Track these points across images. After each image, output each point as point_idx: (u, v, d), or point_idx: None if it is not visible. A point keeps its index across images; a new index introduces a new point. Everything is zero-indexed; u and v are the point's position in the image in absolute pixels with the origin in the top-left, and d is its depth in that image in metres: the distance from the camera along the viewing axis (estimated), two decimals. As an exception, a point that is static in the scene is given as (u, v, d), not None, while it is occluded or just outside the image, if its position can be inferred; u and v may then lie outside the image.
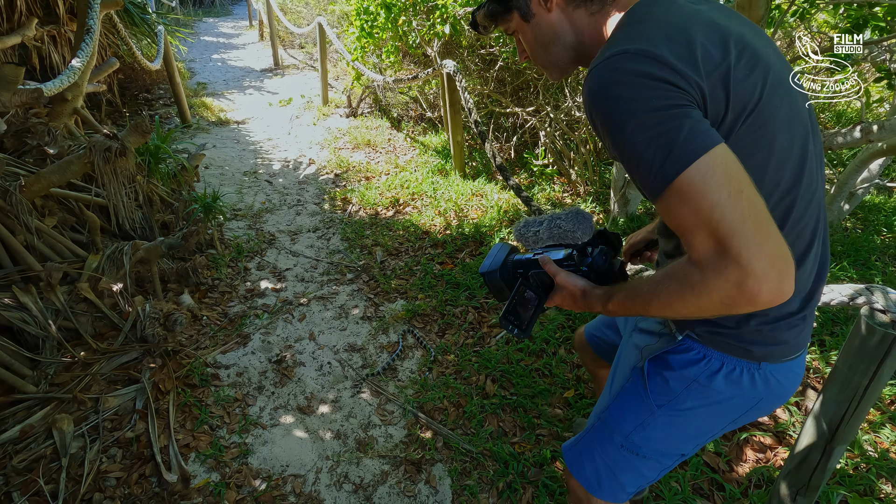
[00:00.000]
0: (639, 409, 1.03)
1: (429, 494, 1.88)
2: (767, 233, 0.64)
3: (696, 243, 0.68)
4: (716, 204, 0.64)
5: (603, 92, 0.73)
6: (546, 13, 0.91)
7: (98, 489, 1.79)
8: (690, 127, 0.68)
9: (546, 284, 0.96)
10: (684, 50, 0.72)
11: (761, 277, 0.63)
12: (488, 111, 4.73)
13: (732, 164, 0.67)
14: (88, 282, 2.47)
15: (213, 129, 5.79)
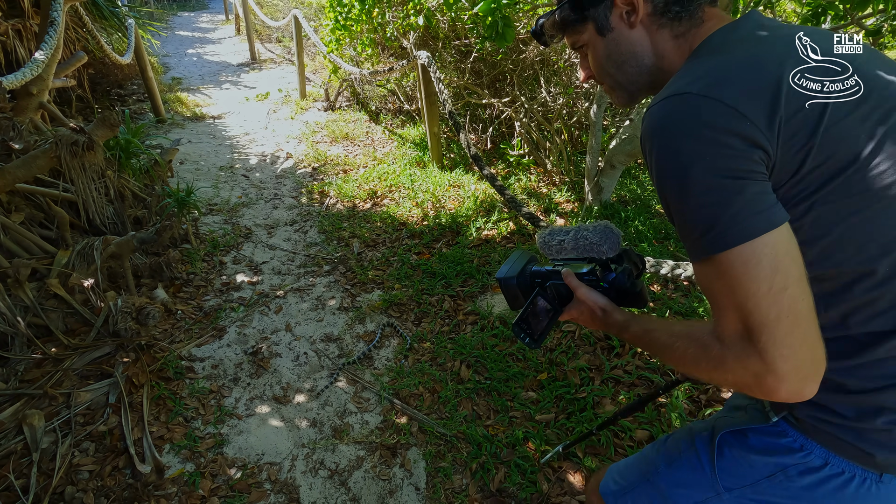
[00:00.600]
0: (698, 485, 0.87)
1: (403, 477, 1.91)
2: (803, 337, 0.59)
3: (724, 320, 0.64)
4: (752, 295, 0.60)
5: (658, 136, 0.67)
6: (627, 29, 0.81)
7: (70, 482, 1.79)
8: (744, 204, 0.61)
9: (563, 297, 0.93)
10: (761, 93, 0.64)
11: (782, 378, 0.59)
12: (465, 103, 4.75)
13: (783, 255, 0.60)
14: (58, 278, 2.44)
15: (189, 125, 5.71)
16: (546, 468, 1.89)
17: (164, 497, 1.78)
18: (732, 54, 0.69)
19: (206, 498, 1.80)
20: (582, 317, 0.91)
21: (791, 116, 0.63)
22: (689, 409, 2.07)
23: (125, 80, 6.40)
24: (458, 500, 1.81)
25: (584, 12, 0.84)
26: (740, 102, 0.63)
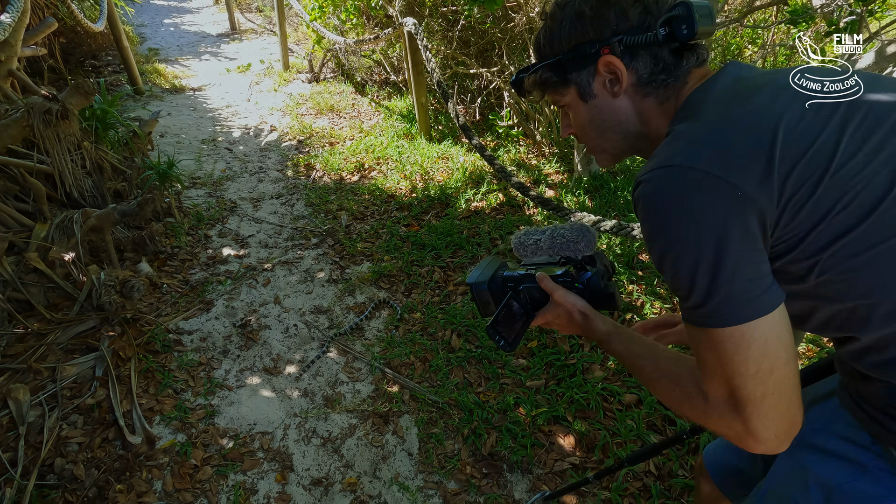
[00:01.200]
0: None
1: (396, 444, 1.93)
2: (784, 410, 0.62)
3: (711, 383, 0.64)
4: (740, 374, 0.61)
5: (651, 210, 0.64)
6: (611, 97, 0.78)
7: (59, 455, 1.77)
8: (737, 289, 0.60)
9: (536, 301, 0.91)
10: (755, 155, 0.60)
11: (762, 441, 0.63)
12: (453, 73, 4.66)
13: (773, 340, 0.61)
14: (37, 251, 2.37)
15: (168, 97, 5.53)
16: (538, 432, 1.91)
17: (157, 467, 1.78)
18: (721, 115, 0.65)
19: (199, 467, 1.80)
20: (558, 320, 0.88)
21: (792, 168, 0.59)
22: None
23: (99, 50, 6.15)
24: (451, 464, 1.84)
25: (566, 75, 0.80)
26: (732, 172, 0.60)
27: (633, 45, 0.73)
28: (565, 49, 0.78)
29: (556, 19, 0.79)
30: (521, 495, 1.74)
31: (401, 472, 1.83)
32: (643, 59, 0.74)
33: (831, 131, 0.60)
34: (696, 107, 0.70)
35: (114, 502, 1.65)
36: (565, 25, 0.77)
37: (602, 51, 0.75)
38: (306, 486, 1.78)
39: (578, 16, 0.76)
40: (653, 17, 0.73)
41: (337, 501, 1.73)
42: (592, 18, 0.75)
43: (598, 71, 0.77)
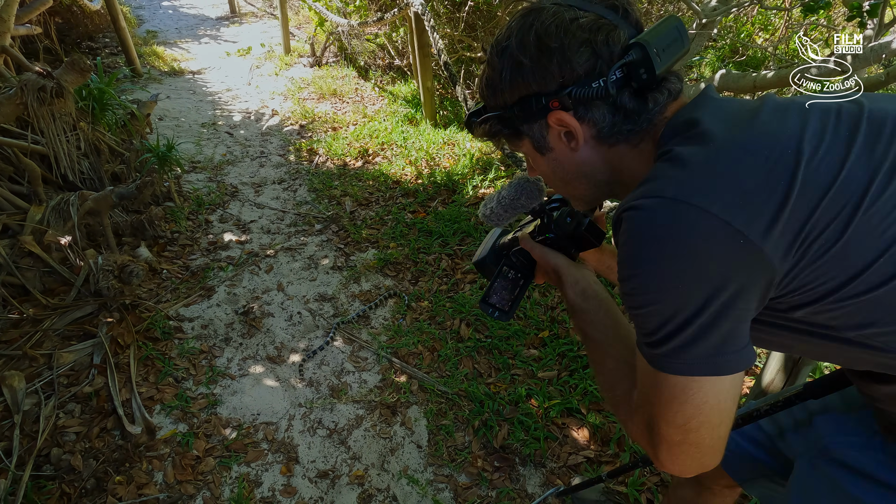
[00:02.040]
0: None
1: (405, 435, 1.87)
2: (695, 458, 0.60)
3: (638, 410, 0.63)
4: (665, 418, 0.58)
5: (636, 242, 0.56)
6: (569, 150, 0.68)
7: (56, 444, 1.71)
8: (702, 346, 0.54)
9: (530, 262, 0.87)
10: (765, 189, 0.52)
11: (666, 469, 0.63)
12: (458, 56, 4.55)
13: (712, 403, 0.56)
14: (32, 235, 2.29)
15: (167, 80, 5.41)
16: (551, 424, 1.85)
17: (157, 458, 1.72)
18: (727, 140, 0.55)
19: (201, 458, 1.74)
20: (549, 277, 0.82)
21: (816, 205, 0.51)
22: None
23: (96, 31, 6.01)
24: (462, 457, 1.78)
25: (517, 128, 0.69)
26: (744, 217, 0.51)
27: (584, 98, 0.62)
28: (509, 102, 0.68)
29: (495, 68, 0.67)
30: (535, 489, 1.69)
31: (410, 464, 1.77)
32: (599, 110, 0.63)
33: (858, 157, 0.52)
34: (691, 129, 0.59)
35: (113, 494, 1.59)
36: (505, 75, 0.66)
37: (550, 104, 0.64)
38: (312, 479, 1.72)
39: (517, 66, 0.65)
40: (603, 62, 0.61)
41: (344, 495, 1.67)
42: (532, 69, 0.63)
43: (549, 124, 0.67)
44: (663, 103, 0.64)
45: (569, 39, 0.61)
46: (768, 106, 0.59)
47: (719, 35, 4.28)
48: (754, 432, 0.98)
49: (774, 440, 0.95)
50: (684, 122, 0.61)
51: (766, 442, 0.97)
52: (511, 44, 0.65)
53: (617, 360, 0.69)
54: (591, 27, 0.61)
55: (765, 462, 0.97)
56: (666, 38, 0.61)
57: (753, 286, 0.53)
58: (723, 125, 0.57)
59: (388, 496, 1.67)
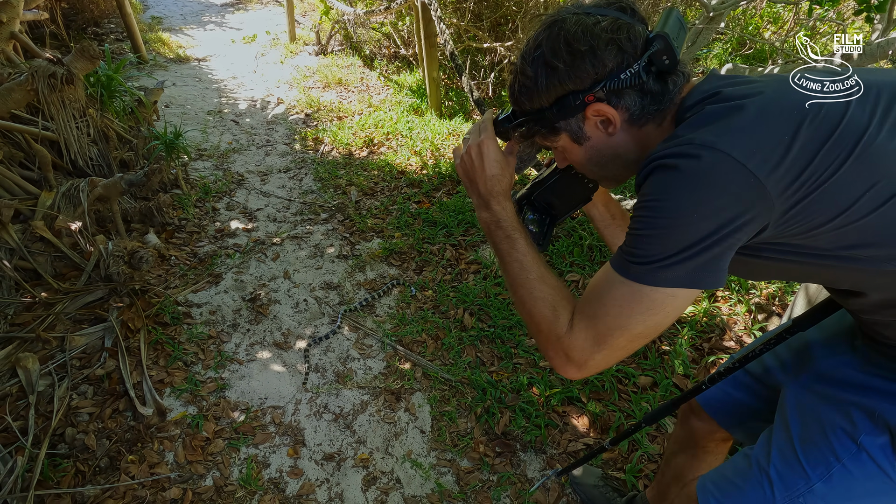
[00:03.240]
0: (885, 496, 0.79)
1: (408, 421, 1.91)
2: (617, 360, 0.73)
3: (588, 322, 0.71)
4: (625, 328, 0.68)
5: (673, 178, 0.64)
6: (606, 136, 0.78)
7: (70, 424, 1.75)
8: (694, 263, 0.64)
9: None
10: (779, 142, 0.62)
11: (582, 374, 0.74)
12: (465, 47, 4.53)
13: (674, 312, 0.68)
14: (43, 220, 2.33)
15: (172, 67, 5.42)
16: (552, 412, 1.89)
17: (168, 438, 1.77)
18: (747, 102, 0.65)
19: (211, 439, 1.78)
20: (470, 169, 0.90)
21: (816, 153, 0.62)
22: (693, 356, 2.08)
23: (102, 17, 6.00)
24: (464, 442, 1.82)
25: (554, 125, 0.79)
26: (759, 163, 0.61)
27: (617, 88, 0.72)
28: (546, 104, 0.77)
29: (529, 75, 0.76)
30: (535, 474, 1.73)
31: (413, 449, 1.81)
32: (630, 96, 0.73)
33: (853, 115, 0.63)
34: (714, 96, 0.69)
35: (126, 473, 1.64)
36: (541, 81, 0.75)
37: (586, 99, 0.74)
38: (318, 461, 1.76)
39: (552, 70, 0.74)
40: (629, 55, 0.71)
41: (349, 477, 1.72)
42: (567, 72, 0.73)
43: (586, 116, 0.76)
44: (681, 84, 0.74)
45: (596, 41, 0.71)
46: (780, 78, 0.69)
47: (727, 28, 4.26)
48: (741, 377, 1.08)
49: (760, 379, 1.05)
50: (706, 93, 0.70)
51: (752, 384, 1.07)
52: (543, 52, 0.74)
53: (551, 286, 0.78)
54: (612, 28, 0.71)
55: (750, 404, 1.07)
56: (674, 28, 0.73)
57: (754, 220, 0.63)
58: (741, 91, 0.67)
59: (391, 479, 1.72)
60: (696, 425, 1.20)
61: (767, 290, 2.33)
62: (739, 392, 1.09)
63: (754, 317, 2.23)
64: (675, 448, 1.30)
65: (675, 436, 1.31)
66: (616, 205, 1.06)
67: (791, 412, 0.88)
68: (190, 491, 1.62)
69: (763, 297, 2.31)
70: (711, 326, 2.20)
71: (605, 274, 0.71)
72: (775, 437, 0.88)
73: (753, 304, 2.26)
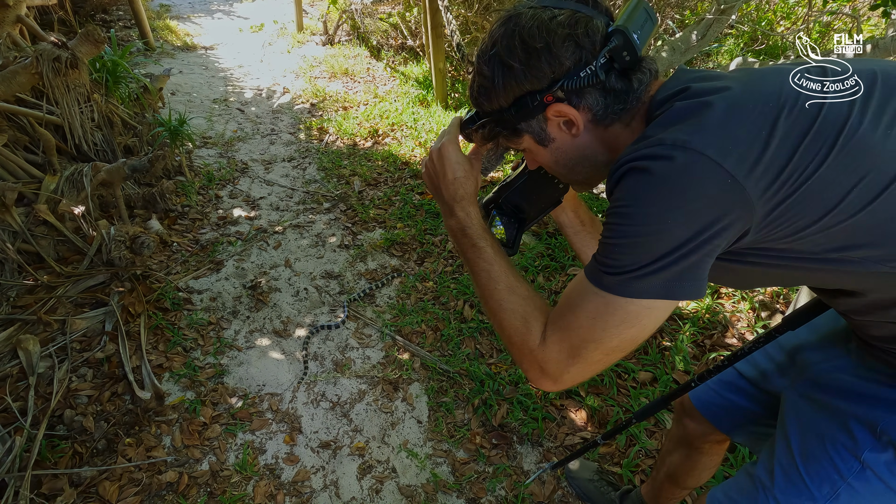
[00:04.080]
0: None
1: (406, 411, 1.91)
2: (593, 373, 0.69)
3: (561, 335, 0.67)
4: (598, 341, 0.65)
5: (645, 181, 0.59)
6: (570, 137, 0.73)
7: (69, 406, 1.77)
8: (670, 272, 0.60)
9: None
10: (754, 139, 0.58)
11: (557, 387, 0.70)
12: (472, 38, 4.50)
13: (650, 326, 0.64)
14: (47, 203, 2.34)
15: (179, 55, 5.42)
16: (549, 405, 1.88)
17: (166, 422, 1.77)
18: (719, 98, 0.60)
19: (208, 424, 1.79)
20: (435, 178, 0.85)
21: (794, 150, 0.57)
22: (694, 352, 2.06)
23: (110, 4, 6.01)
24: (461, 433, 1.81)
25: (516, 126, 0.74)
26: (734, 161, 0.56)
27: (576, 87, 0.67)
28: (505, 105, 0.73)
29: (486, 75, 0.72)
30: (531, 467, 1.72)
31: (410, 438, 1.81)
32: (592, 95, 0.69)
33: (832, 105, 0.58)
34: (682, 93, 0.65)
35: (123, 455, 1.65)
36: (498, 81, 0.71)
37: (545, 99, 0.69)
38: (314, 449, 1.77)
39: (508, 70, 0.69)
40: (587, 52, 0.66)
41: (345, 464, 1.72)
42: (523, 71, 0.68)
43: (547, 117, 0.72)
44: (647, 82, 0.70)
45: (552, 37, 0.66)
46: (750, 71, 0.66)
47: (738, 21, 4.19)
48: (738, 381, 1.05)
49: (758, 384, 1.01)
50: (674, 91, 0.66)
51: (750, 388, 1.03)
52: (498, 51, 0.69)
53: (522, 297, 0.75)
54: (569, 22, 0.66)
55: (749, 408, 1.04)
56: (639, 20, 0.67)
57: (733, 224, 0.58)
58: (711, 87, 0.63)
59: (387, 468, 1.72)
60: (690, 426, 1.18)
61: (772, 288, 2.30)
62: (738, 397, 1.06)
63: (757, 314, 2.20)
64: (670, 447, 1.29)
65: (671, 434, 1.29)
66: (586, 210, 1.02)
67: (790, 423, 0.85)
68: (186, 475, 1.63)
69: (767, 294, 2.28)
70: (714, 323, 2.18)
71: (579, 284, 0.68)
72: (777, 453, 0.85)
73: (757, 302, 2.23)
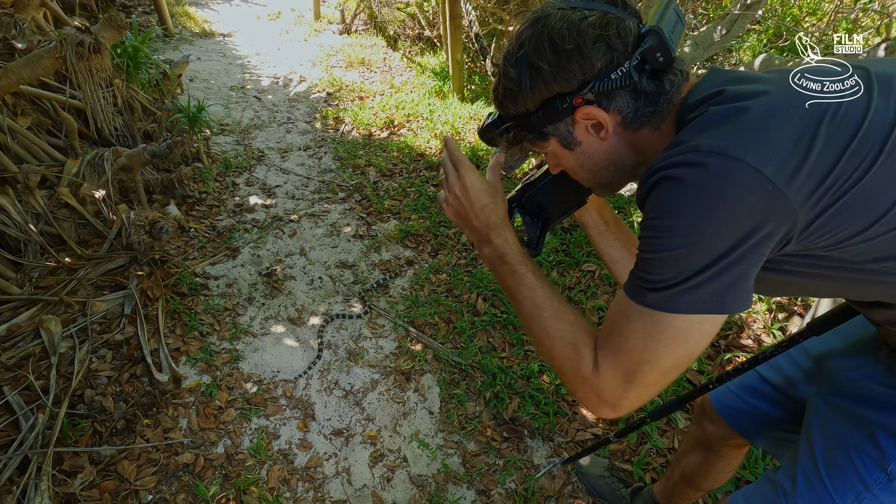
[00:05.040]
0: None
1: (417, 401, 1.92)
2: (650, 398, 0.65)
3: (614, 359, 0.64)
4: (654, 362, 0.61)
5: (680, 189, 0.57)
6: (598, 140, 0.71)
7: (89, 386, 1.80)
8: (718, 283, 0.57)
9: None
10: (796, 144, 0.55)
11: (616, 413, 0.67)
12: (490, 29, 4.46)
13: (705, 341, 0.61)
14: (69, 187, 2.37)
15: (197, 41, 5.44)
16: (561, 401, 1.89)
17: (182, 405, 1.80)
18: (754, 100, 0.58)
19: (223, 408, 1.82)
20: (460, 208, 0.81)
21: (840, 154, 0.55)
22: (708, 352, 2.04)
23: (130, -11, 6.03)
24: (472, 425, 1.82)
25: (542, 130, 0.72)
26: (774, 168, 0.54)
27: (607, 89, 0.65)
28: (532, 108, 0.71)
29: (512, 77, 0.70)
30: (541, 461, 1.73)
31: (421, 429, 1.83)
32: (622, 97, 0.67)
33: (876, 111, 0.56)
34: (717, 96, 0.62)
35: (141, 435, 1.68)
36: (525, 83, 0.69)
37: (574, 101, 0.67)
38: (327, 436, 1.79)
39: (536, 72, 0.67)
40: (619, 53, 0.65)
41: (357, 452, 1.74)
42: (553, 73, 0.66)
43: (576, 120, 0.70)
44: (678, 84, 0.68)
45: (583, 38, 0.64)
46: (787, 72, 0.63)
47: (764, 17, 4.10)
48: (762, 386, 1.04)
49: (783, 390, 1.00)
50: (708, 94, 0.63)
51: (774, 394, 1.02)
52: (526, 52, 0.67)
53: (568, 323, 0.71)
54: (600, 24, 0.64)
55: (772, 414, 1.02)
56: (670, 21, 0.65)
57: (776, 232, 0.56)
58: (747, 90, 0.60)
59: (398, 457, 1.74)
60: (710, 429, 1.16)
61: (790, 290, 2.27)
62: (761, 402, 1.04)
63: (774, 316, 2.17)
64: (688, 448, 1.28)
65: (689, 435, 1.28)
66: (611, 210, 0.99)
67: (815, 431, 0.83)
68: (202, 457, 1.66)
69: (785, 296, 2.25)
70: (729, 323, 2.15)
71: (622, 303, 0.65)
72: (800, 460, 0.84)
73: (774, 303, 2.21)
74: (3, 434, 1.60)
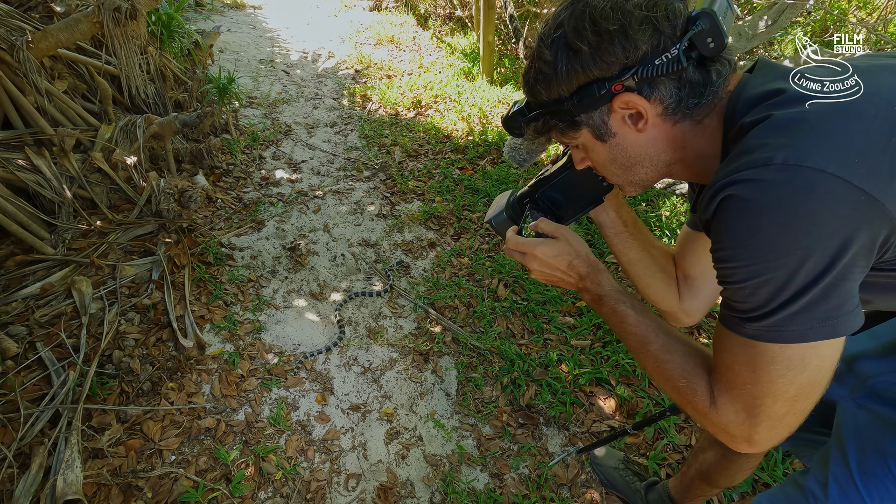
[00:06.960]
0: None
1: (434, 382, 1.93)
2: (792, 429, 0.60)
3: (730, 394, 0.60)
4: (773, 394, 0.57)
5: (757, 209, 0.52)
6: (634, 132, 0.67)
7: (118, 347, 1.85)
8: (823, 306, 0.52)
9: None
10: (879, 146, 0.51)
11: (753, 447, 0.61)
12: (524, 11, 4.36)
13: (828, 367, 0.56)
14: (102, 152, 2.41)
15: (228, 13, 5.44)
16: (578, 391, 1.88)
17: (206, 371, 1.84)
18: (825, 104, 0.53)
19: (245, 377, 1.85)
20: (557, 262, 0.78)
21: None
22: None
23: (164, -43, 6.04)
24: (488, 409, 1.83)
25: (575, 118, 0.67)
26: (861, 174, 0.49)
27: (651, 76, 0.61)
28: (566, 94, 0.66)
29: (547, 60, 0.65)
30: (555, 449, 1.73)
31: (437, 409, 1.84)
32: (666, 86, 0.62)
33: None
34: (778, 95, 0.56)
35: (166, 398, 1.73)
36: (561, 67, 0.64)
37: (614, 88, 0.62)
38: (345, 410, 1.81)
39: (575, 54, 0.62)
40: (666, 36, 0.60)
41: (373, 428, 1.76)
42: (593, 55, 0.61)
43: (612, 109, 0.65)
44: (726, 75, 0.62)
45: (628, 19, 0.59)
46: (853, 67, 0.57)
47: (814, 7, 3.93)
48: None
49: None
50: (766, 91, 0.59)
51: None
52: (564, 32, 0.62)
53: (679, 353, 0.68)
54: (647, 4, 0.60)
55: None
56: (722, 6, 0.61)
57: (874, 243, 0.52)
58: (814, 88, 0.56)
59: (414, 435, 1.76)
60: None
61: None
62: None
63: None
64: (705, 444, 1.27)
65: (708, 432, 1.26)
66: (629, 210, 0.94)
67: (848, 436, 0.80)
68: (223, 422, 1.70)
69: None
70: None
71: (722, 336, 0.61)
72: (832, 467, 0.81)
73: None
74: (36, 388, 1.66)
